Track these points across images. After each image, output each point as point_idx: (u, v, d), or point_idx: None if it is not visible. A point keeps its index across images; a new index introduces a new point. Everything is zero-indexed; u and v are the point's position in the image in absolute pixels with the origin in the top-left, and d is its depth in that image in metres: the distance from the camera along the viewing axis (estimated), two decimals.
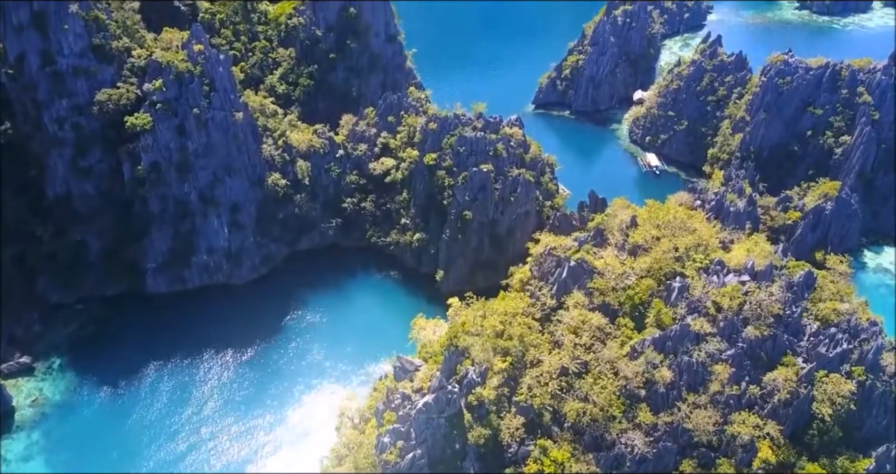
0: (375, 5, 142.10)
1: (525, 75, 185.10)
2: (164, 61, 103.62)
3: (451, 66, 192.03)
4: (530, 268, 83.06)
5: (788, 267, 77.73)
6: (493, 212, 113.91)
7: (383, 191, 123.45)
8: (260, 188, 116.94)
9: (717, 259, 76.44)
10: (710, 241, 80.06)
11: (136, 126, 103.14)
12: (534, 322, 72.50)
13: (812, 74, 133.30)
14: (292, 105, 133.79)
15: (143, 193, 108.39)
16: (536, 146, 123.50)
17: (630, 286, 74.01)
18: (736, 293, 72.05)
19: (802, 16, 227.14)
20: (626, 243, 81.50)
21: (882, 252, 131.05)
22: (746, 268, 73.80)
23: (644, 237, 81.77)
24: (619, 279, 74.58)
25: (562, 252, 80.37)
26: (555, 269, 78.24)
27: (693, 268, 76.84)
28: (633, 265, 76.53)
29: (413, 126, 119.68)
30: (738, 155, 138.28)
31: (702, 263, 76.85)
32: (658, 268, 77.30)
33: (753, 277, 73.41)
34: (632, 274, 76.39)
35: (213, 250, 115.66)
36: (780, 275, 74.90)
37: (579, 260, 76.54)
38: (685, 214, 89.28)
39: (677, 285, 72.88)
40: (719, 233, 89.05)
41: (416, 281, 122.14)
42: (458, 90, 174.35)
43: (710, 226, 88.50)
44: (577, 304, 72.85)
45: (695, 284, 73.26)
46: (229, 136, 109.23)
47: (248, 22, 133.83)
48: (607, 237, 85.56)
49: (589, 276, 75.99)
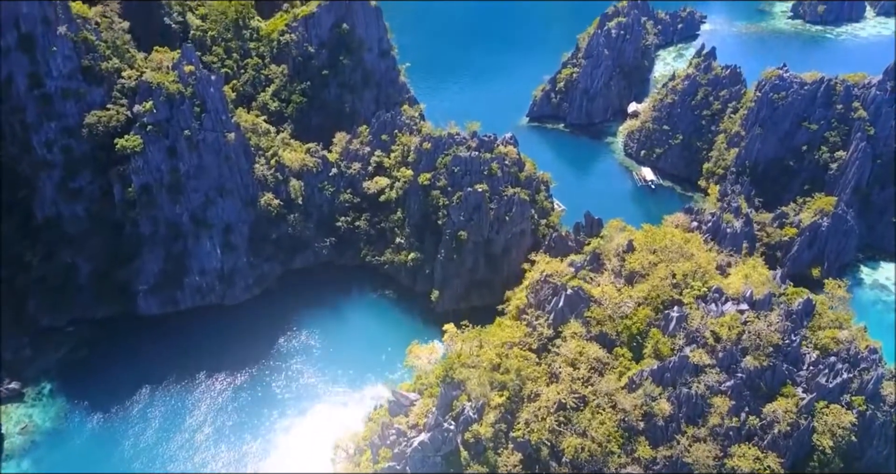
0: (369, 21, 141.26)
1: (519, 87, 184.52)
2: (155, 82, 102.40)
3: (445, 79, 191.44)
4: (527, 295, 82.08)
5: (787, 293, 76.96)
6: (489, 232, 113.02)
7: (377, 209, 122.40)
8: (253, 208, 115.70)
9: (716, 286, 75.65)
10: (707, 268, 79.19)
11: (127, 148, 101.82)
12: (531, 353, 71.45)
13: (807, 89, 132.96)
14: (285, 122, 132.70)
15: (134, 215, 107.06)
16: (531, 164, 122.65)
17: (628, 315, 73.07)
18: (734, 323, 71.27)
19: (795, 25, 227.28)
20: (622, 269, 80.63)
21: (879, 267, 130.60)
22: (745, 297, 72.98)
23: (641, 263, 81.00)
24: (617, 308, 73.63)
25: (558, 279, 79.40)
26: (551, 297, 77.29)
27: (691, 295, 76.07)
28: (631, 293, 75.57)
29: (407, 145, 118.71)
30: (734, 170, 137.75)
31: (699, 291, 76.06)
32: (655, 296, 76.49)
33: (752, 306, 72.65)
34: (629, 302, 75.42)
35: (205, 271, 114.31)
36: (778, 303, 74.11)
37: (576, 288, 75.64)
38: (682, 238, 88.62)
39: (675, 315, 72.04)
40: (716, 255, 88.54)
41: (411, 299, 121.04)
42: (452, 103, 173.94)
43: (707, 250, 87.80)
44: (575, 334, 71.95)
45: (693, 314, 72.43)
46: (221, 157, 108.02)
47: (239, 39, 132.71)
48: (604, 262, 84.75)
49: (586, 305, 75.11)
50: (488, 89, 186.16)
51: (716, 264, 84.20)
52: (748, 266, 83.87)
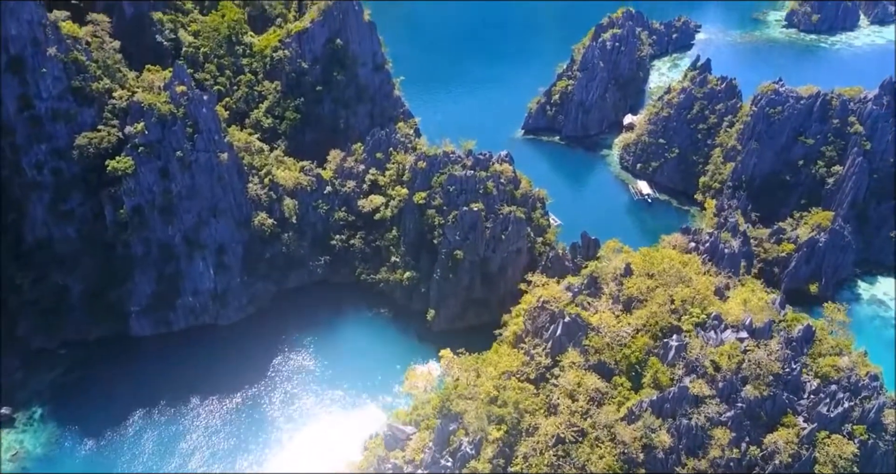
0: (362, 36, 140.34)
1: (514, 98, 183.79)
2: (146, 103, 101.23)
3: (440, 90, 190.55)
4: (524, 321, 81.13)
5: (786, 319, 76.22)
6: (485, 251, 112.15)
7: (372, 227, 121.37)
8: (246, 228, 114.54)
9: (715, 313, 74.90)
10: (706, 293, 78.39)
11: (118, 170, 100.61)
12: (529, 385, 70.52)
13: (803, 104, 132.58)
14: (279, 139, 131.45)
15: (126, 237, 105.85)
16: (527, 181, 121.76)
17: (626, 344, 72.23)
18: (734, 351, 70.50)
19: (790, 34, 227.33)
20: (620, 294, 79.78)
21: (876, 282, 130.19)
22: (744, 324, 72.21)
23: (638, 288, 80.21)
24: (615, 337, 72.77)
25: (555, 305, 78.48)
26: (549, 325, 76.39)
27: (690, 322, 75.30)
28: (629, 320, 74.73)
29: (402, 163, 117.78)
30: (730, 184, 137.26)
31: (698, 318, 75.31)
32: (654, 323, 75.66)
33: (752, 334, 71.88)
34: (627, 328, 74.58)
35: (198, 292, 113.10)
36: (778, 330, 73.35)
37: (573, 315, 74.73)
38: (679, 260, 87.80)
39: (674, 344, 71.24)
40: (715, 278, 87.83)
41: (406, 318, 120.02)
42: (447, 116, 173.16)
43: (705, 273, 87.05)
44: (573, 364, 71.03)
45: (693, 343, 71.59)
46: (214, 178, 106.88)
47: (232, 55, 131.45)
48: (601, 286, 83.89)
49: (584, 333, 74.23)
50: (483, 101, 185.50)
51: (714, 287, 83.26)
52: (747, 289, 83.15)
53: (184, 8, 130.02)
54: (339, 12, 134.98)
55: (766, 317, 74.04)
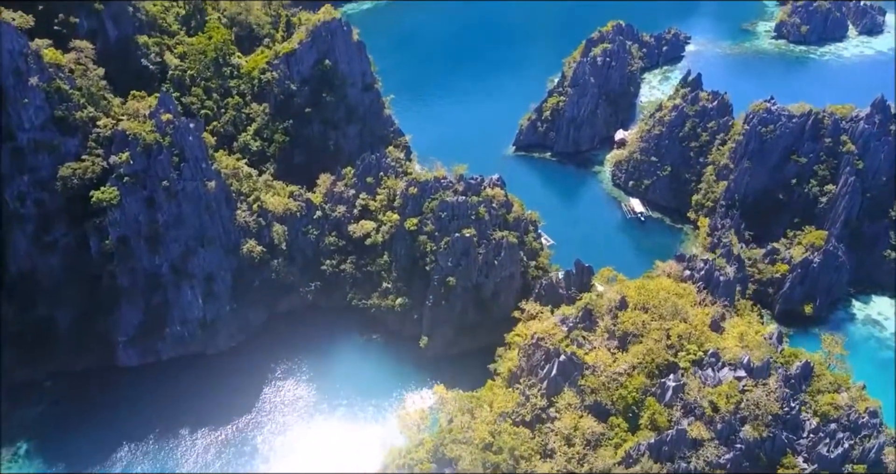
0: (351, 56, 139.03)
1: (505, 112, 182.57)
2: (131, 132, 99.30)
3: (430, 105, 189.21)
4: (519, 358, 79.76)
5: (784, 355, 75.19)
6: (477, 277, 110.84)
7: (363, 252, 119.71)
8: (235, 255, 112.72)
9: (712, 351, 73.82)
10: (702, 329, 77.29)
11: (103, 201, 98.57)
12: (524, 428, 69.11)
13: (795, 122, 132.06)
14: (267, 161, 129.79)
15: (112, 268, 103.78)
16: (519, 204, 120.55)
17: (623, 384, 70.97)
18: (732, 391, 69.41)
19: (779, 45, 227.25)
20: (615, 329, 78.56)
21: (870, 302, 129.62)
22: (742, 363, 71.12)
23: (634, 323, 79.07)
24: (611, 376, 71.54)
25: (550, 342, 77.17)
26: (544, 363, 75.05)
27: (686, 359, 74.16)
28: (625, 358, 73.51)
29: (393, 189, 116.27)
30: (723, 203, 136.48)
31: (695, 355, 74.19)
32: (650, 360, 74.46)
33: (749, 373, 70.79)
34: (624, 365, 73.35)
35: (187, 321, 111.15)
36: (775, 367, 72.31)
37: (569, 354, 73.42)
38: (675, 290, 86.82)
39: (672, 384, 70.08)
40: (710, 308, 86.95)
41: (399, 343, 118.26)
42: (438, 133, 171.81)
43: (700, 303, 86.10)
44: (569, 406, 69.68)
45: (690, 384, 70.41)
46: (201, 206, 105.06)
47: (220, 77, 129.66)
48: (596, 319, 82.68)
49: (580, 372, 72.92)
50: (474, 115, 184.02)
51: (710, 319, 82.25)
52: (743, 321, 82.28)
53: (170, 30, 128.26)
54: (328, 33, 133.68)
55: (764, 354, 72.99)
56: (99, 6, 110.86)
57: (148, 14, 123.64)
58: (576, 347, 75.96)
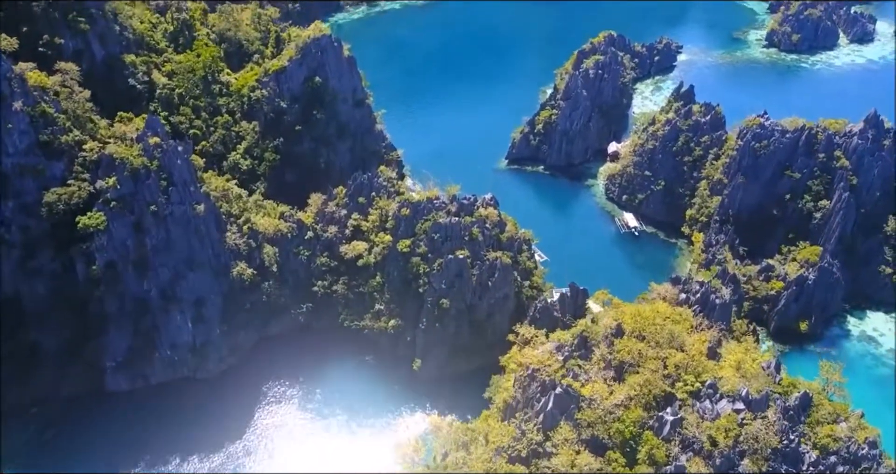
0: (342, 72, 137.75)
1: (497, 123, 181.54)
2: (118, 157, 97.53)
3: (422, 117, 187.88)
4: (514, 389, 78.57)
5: (782, 385, 74.29)
6: (471, 298, 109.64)
7: (356, 273, 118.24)
8: (225, 278, 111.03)
9: (710, 382, 72.83)
10: (699, 359, 76.30)
11: (90, 227, 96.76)
12: (520, 466, 67.89)
13: (788, 137, 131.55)
14: (257, 180, 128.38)
15: (99, 294, 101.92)
16: (512, 223, 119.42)
17: (619, 418, 69.87)
18: (731, 424, 68.41)
19: (770, 54, 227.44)
20: (612, 358, 77.49)
21: (865, 317, 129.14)
22: (741, 395, 70.17)
23: (630, 351, 78.00)
24: (608, 409, 70.43)
25: (546, 374, 76.00)
26: (540, 395, 73.88)
27: (684, 390, 73.13)
28: (622, 391, 72.42)
29: (385, 209, 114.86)
30: (717, 218, 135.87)
31: (693, 386, 73.18)
32: (647, 391, 73.40)
33: (748, 406, 69.82)
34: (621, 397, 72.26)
35: (176, 345, 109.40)
36: (774, 399, 71.38)
37: (565, 387, 72.27)
38: (670, 315, 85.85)
39: (670, 418, 69.03)
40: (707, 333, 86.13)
41: (392, 364, 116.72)
42: (430, 145, 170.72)
43: (696, 330, 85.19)
44: (566, 441, 68.51)
45: (689, 418, 69.38)
46: (190, 230, 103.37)
47: (209, 95, 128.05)
48: (592, 348, 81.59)
49: (576, 406, 71.79)
50: (467, 127, 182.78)
51: (707, 346, 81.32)
52: (740, 348, 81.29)
53: (157, 47, 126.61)
54: (318, 49, 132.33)
55: (762, 385, 72.09)
56: (85, 26, 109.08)
57: (135, 32, 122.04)
58: (571, 379, 74.77)
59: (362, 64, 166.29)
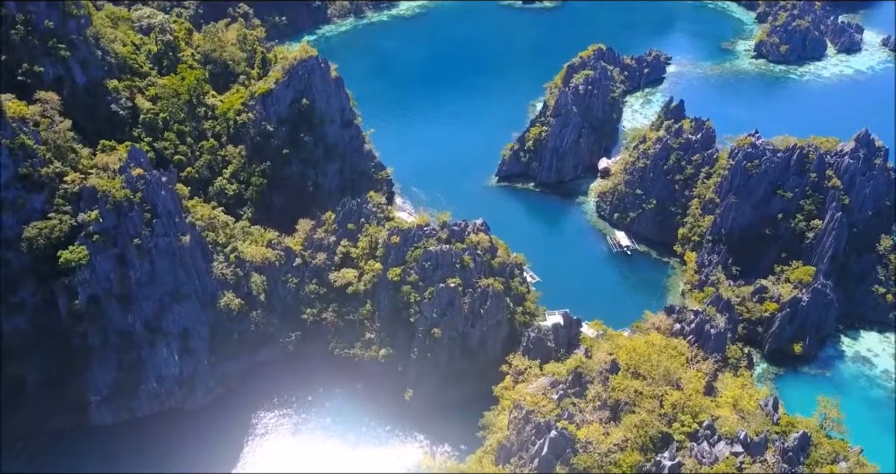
0: (330, 93, 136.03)
1: (487, 138, 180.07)
2: (100, 189, 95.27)
3: (410, 131, 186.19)
4: (508, 429, 76.98)
5: (781, 425, 73.11)
6: (464, 326, 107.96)
7: (345, 300, 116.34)
8: (212, 309, 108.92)
9: (707, 422, 71.50)
10: (696, 397, 75.02)
11: (71, 261, 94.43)
12: None
13: (780, 157, 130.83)
14: (245, 205, 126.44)
15: (82, 329, 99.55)
16: (504, 248, 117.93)
17: (616, 462, 68.47)
18: (730, 468, 67.08)
19: (759, 65, 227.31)
20: (607, 397, 76.06)
21: (859, 337, 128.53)
22: (739, 438, 68.90)
23: (626, 390, 76.62)
24: (604, 454, 69.01)
25: (540, 414, 74.45)
26: (535, 438, 72.33)
27: (681, 432, 71.76)
28: (618, 433, 70.98)
29: (375, 236, 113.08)
30: (710, 238, 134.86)
31: (690, 427, 71.84)
32: (644, 433, 72.02)
33: (746, 448, 68.56)
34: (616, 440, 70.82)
35: (162, 378, 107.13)
36: (773, 440, 70.17)
37: (560, 429, 70.75)
38: (665, 347, 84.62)
39: (668, 463, 67.66)
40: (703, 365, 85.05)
41: (384, 393, 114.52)
42: (420, 162, 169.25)
43: (692, 362, 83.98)
44: None
45: (687, 463, 68.03)
46: (175, 262, 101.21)
47: (193, 119, 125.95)
48: (587, 384, 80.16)
49: (572, 449, 70.27)
50: (456, 142, 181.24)
51: (704, 381, 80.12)
52: (737, 383, 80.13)
53: (140, 71, 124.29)
54: (305, 71, 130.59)
55: (760, 426, 70.90)
56: (65, 53, 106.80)
57: (117, 56, 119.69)
58: (567, 421, 73.28)
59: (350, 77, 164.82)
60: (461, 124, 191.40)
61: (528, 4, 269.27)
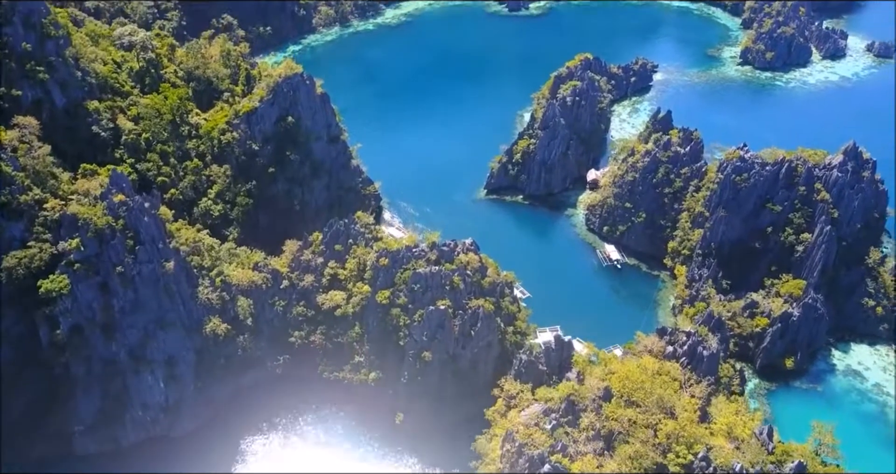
0: (315, 110, 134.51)
1: (476, 148, 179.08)
2: (81, 217, 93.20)
3: (398, 142, 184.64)
4: (501, 462, 75.83)
5: (776, 454, 72.41)
6: (454, 348, 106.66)
7: (334, 322, 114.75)
8: (198, 334, 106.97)
9: (702, 454, 70.62)
10: (689, 428, 74.18)
11: (52, 291, 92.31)
12: None
13: (768, 170, 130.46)
14: (230, 225, 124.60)
15: (65, 359, 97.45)
16: (494, 268, 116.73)
17: None
18: None
19: (745, 72, 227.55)
20: (601, 428, 75.08)
21: (850, 350, 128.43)
22: (735, 471, 68.09)
23: (619, 420, 75.67)
24: None
25: (533, 447, 73.31)
26: (528, 472, 71.16)
27: (676, 463, 70.85)
28: (612, 466, 70.00)
29: (363, 258, 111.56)
30: (700, 252, 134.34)
31: (685, 459, 70.94)
32: (638, 465, 71.08)
33: None
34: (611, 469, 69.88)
35: (148, 406, 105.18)
36: (768, 470, 69.42)
37: (553, 464, 69.65)
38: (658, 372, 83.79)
39: None
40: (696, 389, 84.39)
41: (374, 416, 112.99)
42: (408, 174, 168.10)
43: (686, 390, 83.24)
44: None
45: None
46: (159, 289, 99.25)
47: (177, 138, 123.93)
48: (580, 413, 79.15)
49: None
50: (444, 153, 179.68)
51: (698, 407, 79.37)
52: (731, 409, 79.39)
53: (122, 90, 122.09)
54: (290, 88, 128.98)
55: (755, 457, 70.16)
56: (44, 76, 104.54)
57: (98, 76, 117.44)
58: (560, 454, 72.23)
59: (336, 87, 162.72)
60: (449, 134, 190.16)
61: (514, 12, 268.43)
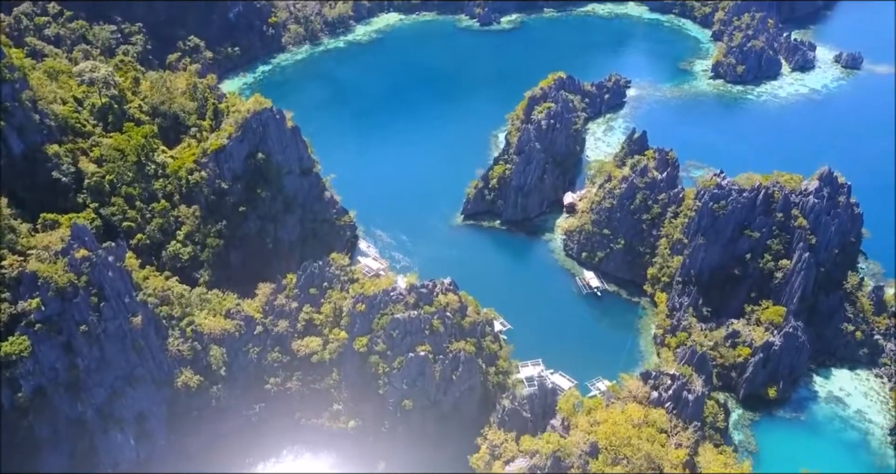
0: (286, 144, 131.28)
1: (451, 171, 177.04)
2: (42, 275, 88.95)
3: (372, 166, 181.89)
4: None
5: None
6: (435, 394, 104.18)
7: (311, 368, 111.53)
8: (169, 387, 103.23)
9: None
10: None
11: (12, 354, 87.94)
12: None
13: (745, 197, 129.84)
14: (201, 267, 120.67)
15: (28, 422, 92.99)
16: (474, 307, 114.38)
17: None
18: None
19: (717, 86, 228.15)
20: None
21: (831, 375, 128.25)
22: None
23: None
24: None
25: None
26: None
27: None
28: None
29: (338, 303, 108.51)
30: (679, 279, 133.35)
31: None
32: None
33: None
34: None
35: (118, 463, 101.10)
36: None
37: None
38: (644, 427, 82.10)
39: None
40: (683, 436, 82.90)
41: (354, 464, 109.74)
42: (383, 200, 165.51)
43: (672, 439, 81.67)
44: None
45: None
46: (127, 345, 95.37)
47: (143, 179, 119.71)
48: (567, 471, 77.05)
49: None
50: (419, 177, 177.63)
51: (685, 459, 77.76)
52: (719, 462, 77.91)
53: (83, 131, 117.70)
54: (259, 124, 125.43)
55: None
56: None
57: (58, 118, 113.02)
58: None
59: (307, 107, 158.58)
60: (423, 155, 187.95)
61: (486, 26, 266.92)
